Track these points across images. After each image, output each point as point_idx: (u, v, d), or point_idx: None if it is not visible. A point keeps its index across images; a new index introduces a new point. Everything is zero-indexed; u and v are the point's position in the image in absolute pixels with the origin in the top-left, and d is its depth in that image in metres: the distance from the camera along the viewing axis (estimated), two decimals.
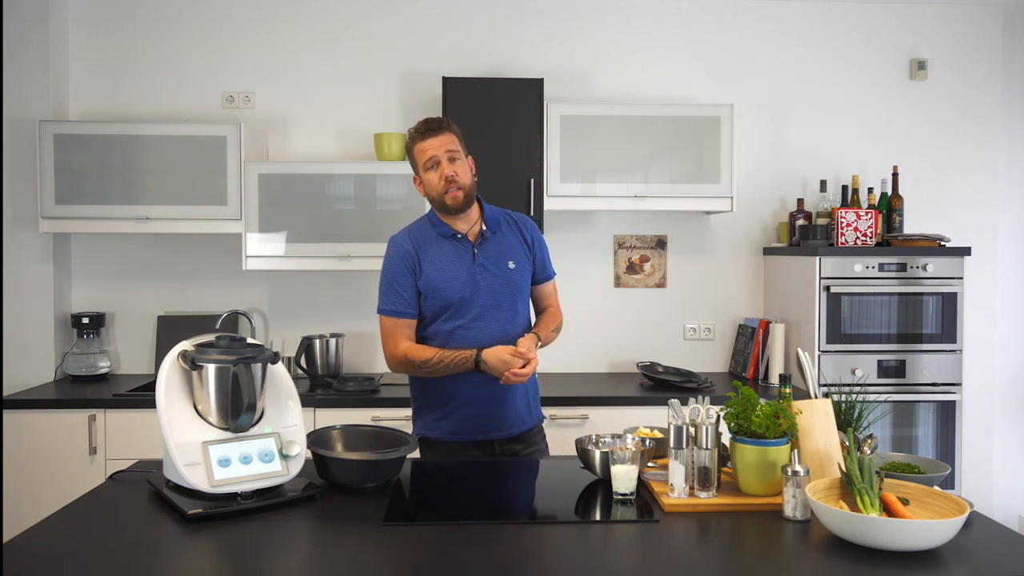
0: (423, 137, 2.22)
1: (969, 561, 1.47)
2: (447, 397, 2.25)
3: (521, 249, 2.32)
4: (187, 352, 1.80)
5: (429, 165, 2.21)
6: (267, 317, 3.71)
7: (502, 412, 2.26)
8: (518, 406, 2.30)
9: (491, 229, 2.29)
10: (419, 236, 2.28)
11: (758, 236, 3.83)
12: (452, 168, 2.19)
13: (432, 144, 2.20)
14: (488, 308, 2.22)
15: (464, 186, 2.21)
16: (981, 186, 3.84)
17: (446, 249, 2.25)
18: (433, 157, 2.20)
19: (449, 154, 2.20)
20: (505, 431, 2.28)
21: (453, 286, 2.21)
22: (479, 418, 2.25)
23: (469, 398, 2.23)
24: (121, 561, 1.48)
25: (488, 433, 2.26)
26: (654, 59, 3.76)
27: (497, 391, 2.23)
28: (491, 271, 2.25)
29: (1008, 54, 3.85)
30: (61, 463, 3.05)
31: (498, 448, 2.28)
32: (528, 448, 2.33)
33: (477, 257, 2.24)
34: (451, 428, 2.26)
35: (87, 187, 3.31)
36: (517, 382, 2.12)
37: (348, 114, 3.70)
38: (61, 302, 3.55)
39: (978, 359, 3.74)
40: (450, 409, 2.26)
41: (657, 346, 3.78)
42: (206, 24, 3.66)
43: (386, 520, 1.68)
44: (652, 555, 1.55)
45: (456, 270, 2.23)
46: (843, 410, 1.97)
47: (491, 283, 2.24)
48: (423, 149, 2.22)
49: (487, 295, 2.23)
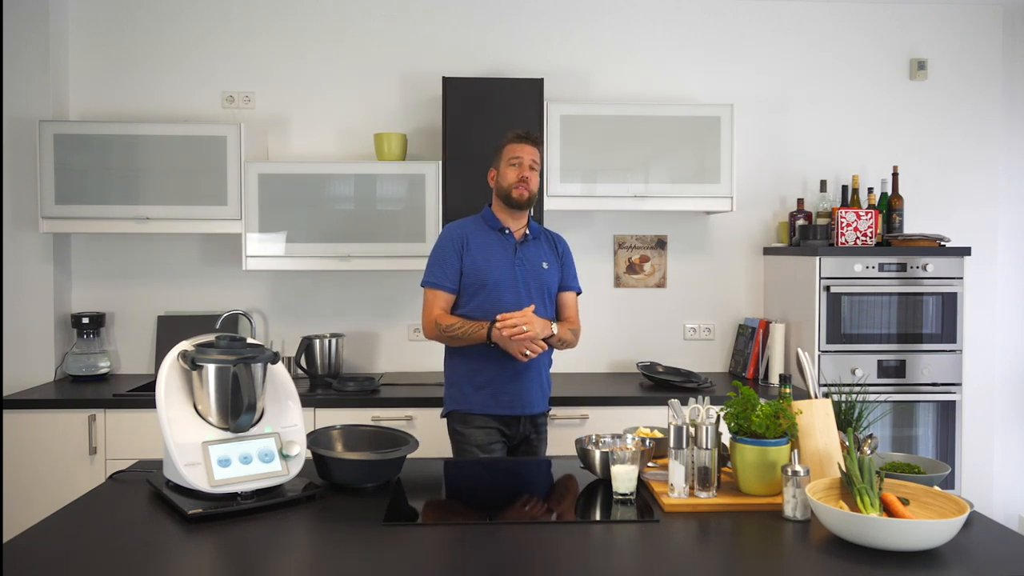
0: (521, 142, 2.57)
1: (969, 561, 1.47)
2: (479, 371, 2.52)
3: (553, 258, 2.67)
4: (187, 352, 1.80)
5: (514, 162, 2.55)
6: (267, 317, 3.71)
7: (528, 390, 2.55)
8: (539, 389, 2.60)
9: (533, 235, 2.64)
10: (472, 226, 2.62)
11: (758, 236, 3.83)
12: (530, 173, 2.55)
13: (526, 149, 2.56)
14: (521, 296, 2.52)
15: (532, 190, 2.57)
16: (981, 186, 3.84)
17: (493, 240, 2.59)
18: (519, 157, 2.55)
19: (532, 162, 2.57)
20: (529, 409, 2.56)
21: (493, 269, 2.53)
22: (507, 394, 2.52)
23: (498, 374, 2.51)
24: (121, 561, 1.48)
25: (515, 409, 2.53)
26: (654, 59, 3.76)
27: (521, 371, 2.52)
28: (527, 266, 2.58)
29: (1008, 54, 3.85)
30: (61, 463, 3.05)
31: (522, 427, 2.57)
32: (538, 434, 2.62)
33: (518, 252, 2.58)
34: (482, 401, 2.52)
35: (87, 187, 3.31)
36: (531, 355, 2.41)
37: (348, 114, 3.70)
38: (61, 302, 3.55)
39: (978, 359, 3.74)
40: (481, 382, 2.52)
41: (657, 346, 3.78)
42: (206, 24, 3.66)
43: (386, 520, 1.68)
44: (652, 555, 1.55)
45: (498, 258, 2.55)
46: (843, 410, 1.97)
47: (526, 276, 2.56)
48: (516, 149, 2.56)
49: (521, 284, 2.54)
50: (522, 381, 2.54)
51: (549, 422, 2.72)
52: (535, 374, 2.57)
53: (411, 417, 3.12)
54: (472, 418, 2.53)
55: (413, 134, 3.65)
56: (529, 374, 2.55)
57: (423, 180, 3.35)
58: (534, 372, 2.56)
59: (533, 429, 2.60)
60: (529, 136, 2.59)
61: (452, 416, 2.59)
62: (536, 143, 2.59)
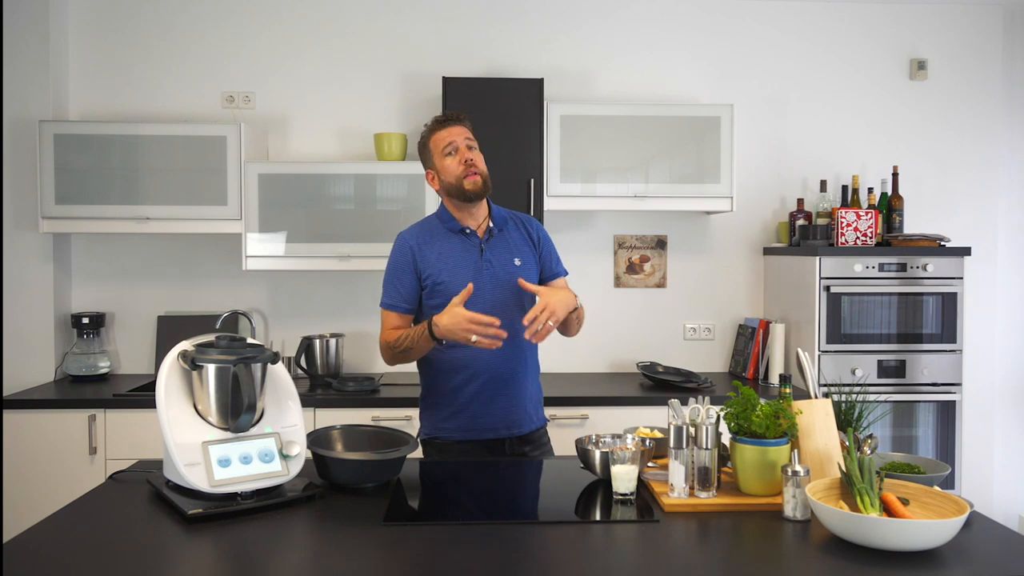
0: (441, 126, 2.23)
1: (969, 561, 1.47)
2: (455, 392, 2.23)
3: (527, 248, 2.31)
4: (187, 352, 1.80)
5: (448, 151, 2.21)
6: (267, 317, 3.71)
7: (512, 410, 2.25)
8: (527, 405, 2.29)
9: (498, 227, 2.29)
10: (425, 232, 2.28)
11: (758, 236, 3.83)
12: (471, 154, 2.21)
13: (451, 132, 2.22)
14: (495, 303, 2.19)
15: (482, 172, 2.22)
16: (981, 186, 3.84)
17: (454, 244, 2.25)
18: (452, 143, 2.21)
19: (467, 141, 2.23)
20: (515, 430, 2.26)
21: (458, 280, 2.19)
22: (489, 416, 2.23)
23: (477, 394, 2.22)
24: (121, 561, 1.48)
25: (499, 432, 2.24)
26: (654, 59, 3.76)
27: (504, 389, 2.22)
28: (497, 267, 2.24)
29: (1008, 54, 3.85)
30: (61, 463, 3.05)
31: (508, 449, 2.26)
32: (536, 450, 2.32)
33: (484, 253, 2.24)
34: (460, 426, 2.24)
35: (87, 187, 3.31)
36: (488, 345, 2.00)
37: (348, 114, 3.70)
38: (61, 302, 3.55)
39: (978, 359, 3.74)
40: (458, 407, 2.23)
41: (657, 346, 3.78)
42: (206, 24, 3.66)
43: (386, 520, 1.68)
44: (652, 555, 1.55)
45: (462, 265, 2.22)
46: (843, 410, 1.97)
47: (497, 278, 2.23)
48: (441, 137, 2.22)
49: (492, 290, 2.21)
50: (507, 398, 2.24)
51: (550, 422, 2.48)
52: (520, 386, 2.27)
53: (411, 417, 3.12)
54: (450, 446, 2.24)
55: (413, 134, 3.65)
56: (515, 387, 2.25)
57: (423, 180, 3.35)
58: (519, 384, 2.26)
59: (530, 446, 2.30)
60: (449, 117, 2.25)
61: (428, 444, 2.29)
62: (460, 120, 2.25)
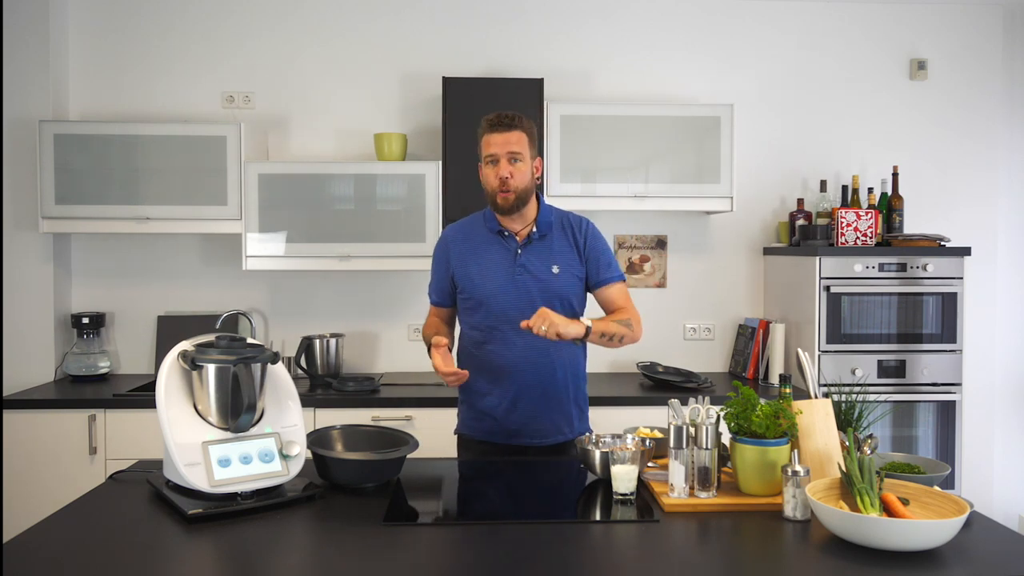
0: (491, 130, 2.16)
1: (969, 561, 1.47)
2: (481, 395, 2.24)
3: (570, 255, 2.23)
4: (187, 352, 1.80)
5: (489, 160, 2.17)
6: (267, 317, 3.71)
7: (537, 419, 2.22)
8: (556, 416, 2.24)
9: (541, 232, 2.22)
10: (466, 230, 2.29)
11: (758, 236, 3.83)
12: (510, 169, 2.14)
13: (497, 140, 2.15)
14: (526, 310, 2.11)
15: (517, 189, 2.15)
16: (981, 186, 3.84)
17: (492, 245, 2.23)
18: (494, 155, 2.15)
19: (510, 155, 2.14)
20: (538, 439, 2.23)
21: (488, 283, 2.18)
22: (511, 423, 2.21)
23: (500, 399, 2.21)
24: (121, 561, 1.48)
25: (521, 439, 2.23)
26: (654, 59, 3.76)
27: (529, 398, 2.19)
28: (532, 273, 2.18)
29: (1008, 54, 3.85)
30: (61, 463, 3.05)
31: (532, 456, 2.24)
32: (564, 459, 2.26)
33: (519, 258, 2.19)
34: (484, 428, 2.25)
35: (87, 187, 3.31)
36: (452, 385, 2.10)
37: (348, 114, 3.69)
38: (61, 302, 3.55)
39: (978, 359, 3.74)
40: (483, 408, 2.24)
41: (657, 346, 3.78)
42: (206, 24, 3.66)
43: (386, 520, 1.68)
44: (652, 555, 1.55)
45: (495, 268, 2.19)
46: (843, 410, 1.97)
47: (529, 286, 2.17)
48: (488, 143, 2.17)
49: (524, 298, 2.16)
50: (531, 407, 2.19)
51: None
52: (548, 398, 2.20)
53: (411, 417, 3.12)
54: (474, 445, 2.27)
55: (413, 134, 3.65)
56: (542, 398, 2.19)
57: (423, 180, 3.35)
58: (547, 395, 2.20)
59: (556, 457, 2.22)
60: (502, 121, 2.14)
61: (459, 437, 2.34)
62: (512, 126, 2.14)
